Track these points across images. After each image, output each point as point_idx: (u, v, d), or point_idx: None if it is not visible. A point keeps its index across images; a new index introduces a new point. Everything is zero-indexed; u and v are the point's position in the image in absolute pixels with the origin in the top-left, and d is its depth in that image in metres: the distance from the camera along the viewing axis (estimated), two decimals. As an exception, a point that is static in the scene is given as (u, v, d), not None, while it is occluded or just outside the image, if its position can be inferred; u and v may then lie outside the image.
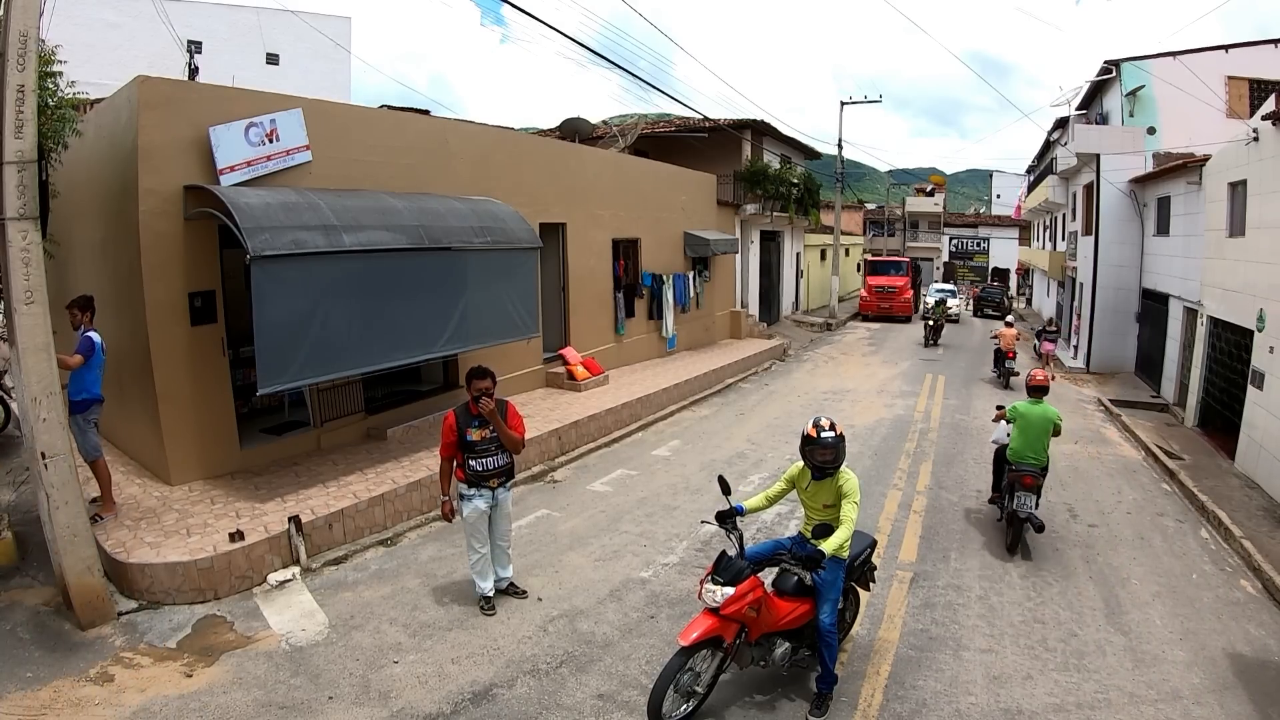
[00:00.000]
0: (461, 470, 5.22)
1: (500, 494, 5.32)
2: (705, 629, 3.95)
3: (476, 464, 5.17)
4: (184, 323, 6.75)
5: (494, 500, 5.29)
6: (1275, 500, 8.20)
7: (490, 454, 5.18)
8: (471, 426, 5.12)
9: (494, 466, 5.21)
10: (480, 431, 5.12)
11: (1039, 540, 6.94)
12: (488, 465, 5.19)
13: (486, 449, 5.16)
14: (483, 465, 5.18)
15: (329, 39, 22.77)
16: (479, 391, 5.02)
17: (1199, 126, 14.91)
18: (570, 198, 12.01)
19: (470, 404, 5.13)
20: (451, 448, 5.18)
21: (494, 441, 5.17)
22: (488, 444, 5.16)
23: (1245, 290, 9.84)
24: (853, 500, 4.29)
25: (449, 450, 5.19)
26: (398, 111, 10.14)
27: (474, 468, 5.17)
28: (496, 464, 5.22)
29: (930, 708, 4.43)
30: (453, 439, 5.15)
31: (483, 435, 5.13)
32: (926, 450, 10.08)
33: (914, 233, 49.93)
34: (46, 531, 4.94)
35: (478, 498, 5.22)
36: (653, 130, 20.29)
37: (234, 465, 7.24)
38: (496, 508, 5.33)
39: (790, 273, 26.35)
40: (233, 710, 4.21)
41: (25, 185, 4.60)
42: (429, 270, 7.80)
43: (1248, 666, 5.00)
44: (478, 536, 5.32)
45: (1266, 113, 9.27)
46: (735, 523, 4.32)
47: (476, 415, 5.11)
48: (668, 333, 15.23)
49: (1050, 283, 27.79)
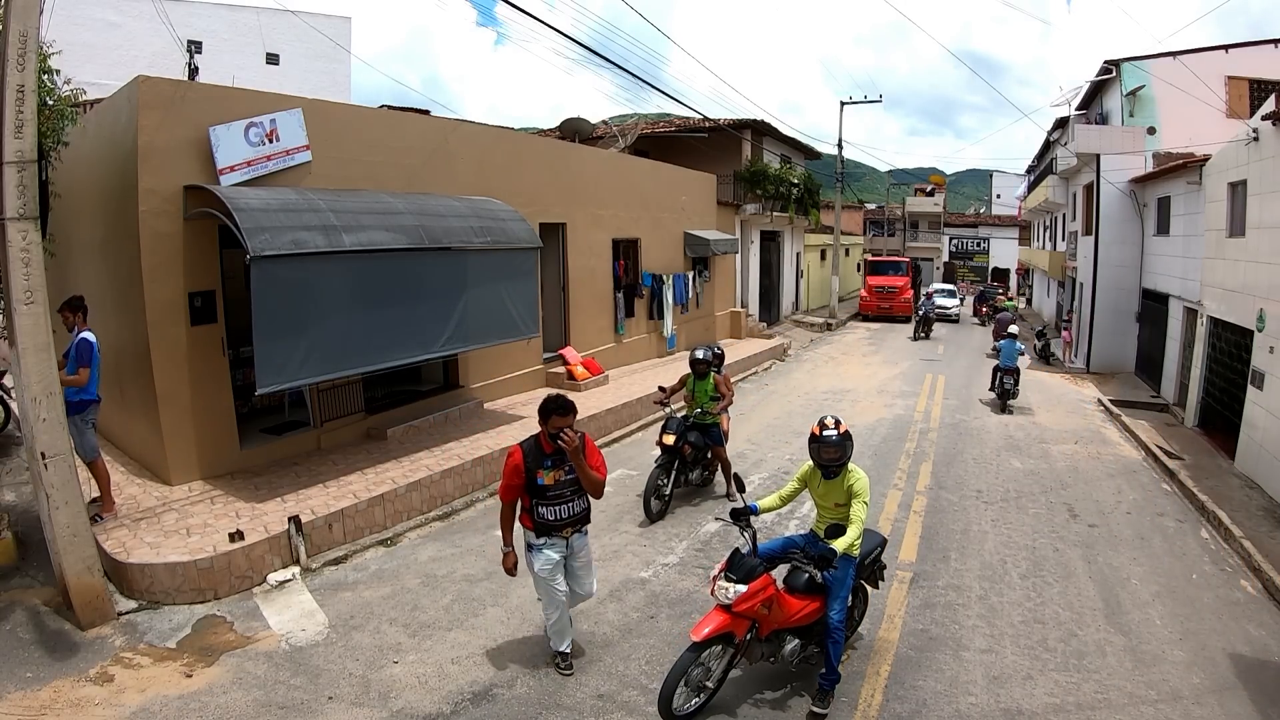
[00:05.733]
0: (527, 516, 4.39)
1: (577, 540, 4.48)
2: (717, 625, 4.01)
3: (547, 511, 4.31)
4: (184, 323, 6.75)
5: (569, 548, 4.45)
6: (1275, 500, 8.20)
7: (565, 499, 4.33)
8: (544, 467, 4.26)
9: (568, 515, 4.36)
10: (554, 473, 4.27)
11: (1039, 540, 7.04)
12: (561, 514, 4.33)
13: (560, 494, 4.31)
14: (555, 513, 4.32)
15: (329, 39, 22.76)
16: (558, 429, 4.19)
17: (1199, 126, 14.91)
18: (570, 198, 12.01)
19: (542, 439, 4.30)
20: (515, 491, 4.34)
21: (571, 485, 4.33)
22: (562, 488, 4.31)
23: (1245, 290, 9.84)
24: (863, 499, 4.35)
25: (512, 494, 4.37)
26: (398, 111, 10.14)
27: (544, 516, 4.32)
28: (572, 511, 4.37)
29: (930, 708, 4.43)
30: (518, 481, 4.29)
31: (557, 478, 4.27)
32: (926, 450, 10.08)
33: (914, 233, 49.91)
34: (46, 531, 4.94)
35: (549, 547, 4.37)
36: (653, 130, 20.30)
37: (234, 465, 7.24)
38: (573, 556, 4.49)
39: (790, 273, 26.35)
40: (232, 710, 4.21)
41: (25, 185, 4.60)
42: (429, 270, 7.80)
43: (1248, 667, 4.99)
44: (550, 591, 4.43)
45: (1266, 113, 9.27)
46: (749, 521, 4.37)
47: (551, 454, 4.29)
48: (668, 333, 15.23)
49: (1050, 283, 27.79)
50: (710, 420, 7.59)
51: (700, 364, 7.61)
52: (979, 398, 13.87)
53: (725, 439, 7.82)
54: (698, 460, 7.72)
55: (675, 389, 7.88)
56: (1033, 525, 7.44)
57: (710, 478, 8.05)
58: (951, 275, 46.81)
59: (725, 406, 7.70)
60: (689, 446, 7.44)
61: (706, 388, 7.60)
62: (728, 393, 7.70)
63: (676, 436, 7.30)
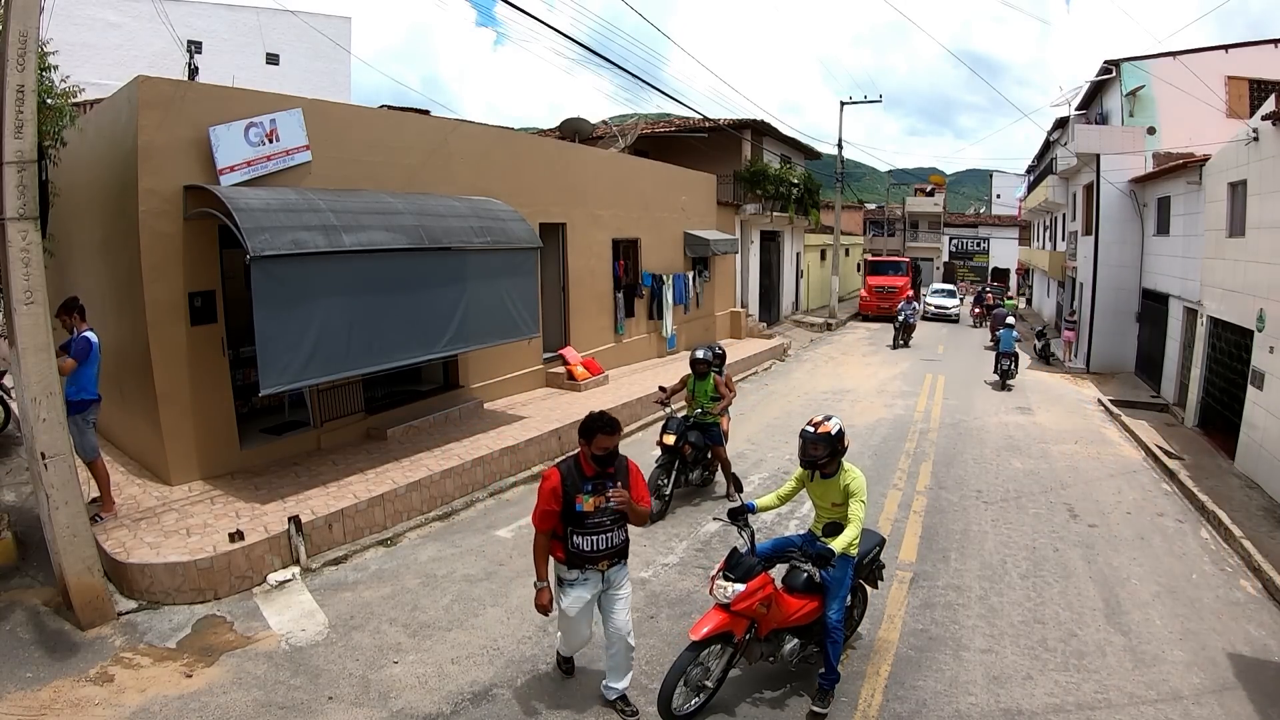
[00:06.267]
0: (559, 546, 3.97)
1: (615, 573, 4.04)
2: (716, 624, 4.01)
3: (584, 541, 3.88)
4: (184, 323, 6.75)
5: (604, 582, 4.02)
6: (1275, 500, 8.20)
7: (605, 529, 3.91)
8: (584, 492, 3.85)
9: (607, 546, 3.94)
10: (595, 499, 3.86)
11: (1039, 540, 7.04)
12: (599, 545, 3.91)
13: (600, 522, 3.89)
14: (592, 544, 3.90)
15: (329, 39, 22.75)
16: (603, 450, 3.84)
17: (1199, 126, 14.92)
18: (570, 198, 12.01)
19: (583, 460, 3.90)
20: (552, 518, 3.89)
21: (612, 513, 3.91)
22: (603, 515, 3.88)
23: (1245, 290, 9.84)
24: (860, 499, 4.35)
25: (548, 521, 3.91)
26: (398, 111, 10.14)
27: (579, 546, 3.89)
28: (611, 542, 3.95)
29: (930, 708, 4.43)
30: (555, 508, 3.86)
31: (598, 504, 3.86)
32: (926, 450, 10.08)
33: (914, 233, 49.91)
34: (46, 531, 4.94)
35: (580, 583, 3.96)
36: (653, 130, 20.30)
37: (234, 465, 7.24)
38: (608, 591, 4.05)
39: (790, 273, 26.35)
40: (232, 710, 4.21)
41: (25, 185, 4.60)
42: (429, 270, 7.80)
43: (1248, 667, 4.99)
44: (574, 632, 4.11)
45: (1266, 113, 9.27)
46: (746, 520, 4.37)
47: (593, 477, 3.87)
48: (668, 333, 15.23)
49: (1050, 283, 27.80)
50: (710, 420, 7.60)
51: (701, 364, 7.63)
52: (984, 378, 15.90)
53: (725, 439, 7.83)
54: (698, 460, 7.73)
55: (676, 389, 7.89)
56: (1033, 525, 7.44)
57: (710, 478, 8.06)
58: (951, 275, 46.81)
59: (726, 406, 7.71)
60: (689, 446, 7.45)
61: (707, 388, 7.61)
62: (728, 393, 7.71)
63: (677, 436, 7.31)
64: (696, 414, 7.60)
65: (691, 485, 7.87)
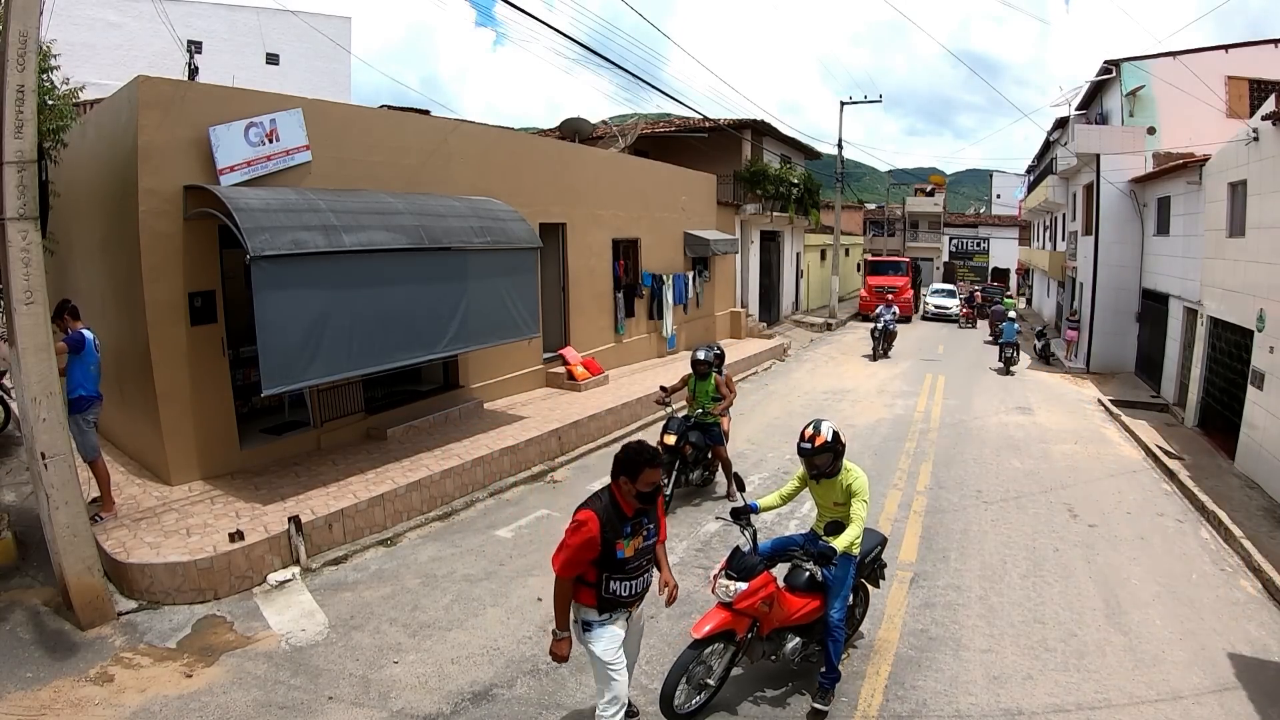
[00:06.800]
0: (589, 592, 3.49)
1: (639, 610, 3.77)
2: (718, 622, 4.03)
3: (621, 587, 3.48)
4: (184, 323, 6.74)
5: (629, 619, 3.67)
6: (1275, 500, 8.20)
7: (642, 571, 3.58)
8: (623, 536, 3.42)
9: (643, 588, 3.63)
10: (634, 541, 3.46)
11: (1039, 540, 7.05)
12: (635, 588, 3.56)
13: (639, 565, 3.53)
14: (629, 588, 3.52)
15: (329, 39, 22.75)
16: (650, 486, 3.42)
17: (1199, 126, 14.92)
18: (570, 198, 12.01)
19: (620, 498, 3.45)
20: (581, 567, 3.41)
21: (647, 552, 3.58)
22: (640, 557, 3.53)
23: (1245, 290, 9.84)
24: (862, 499, 4.35)
25: (576, 569, 3.41)
26: (398, 111, 10.14)
27: (615, 592, 3.48)
28: (645, 584, 3.64)
29: (930, 708, 4.43)
30: (591, 555, 3.38)
31: (637, 546, 3.48)
32: (926, 450, 10.08)
33: (914, 233, 49.91)
34: (46, 531, 4.94)
35: (610, 623, 3.54)
36: (653, 130, 20.30)
37: (234, 465, 7.24)
38: (632, 623, 3.73)
39: (790, 273, 26.35)
40: (232, 710, 4.21)
41: (25, 185, 4.60)
42: (430, 271, 7.80)
43: (1248, 666, 4.99)
44: (616, 672, 3.53)
45: (1266, 113, 9.27)
46: (749, 519, 4.38)
47: (635, 516, 3.48)
48: (668, 333, 15.23)
49: (1050, 283, 27.80)
50: (711, 420, 7.61)
51: (701, 364, 7.64)
52: (987, 366, 17.65)
53: (726, 439, 7.83)
54: (698, 460, 7.74)
55: (676, 388, 7.91)
56: (1033, 525, 7.44)
57: (710, 478, 8.06)
58: (951, 275, 46.82)
59: (727, 407, 7.72)
60: (690, 446, 7.45)
61: (708, 388, 7.62)
62: (729, 394, 7.71)
63: (678, 436, 7.32)
64: (698, 414, 7.61)
65: (692, 485, 7.87)
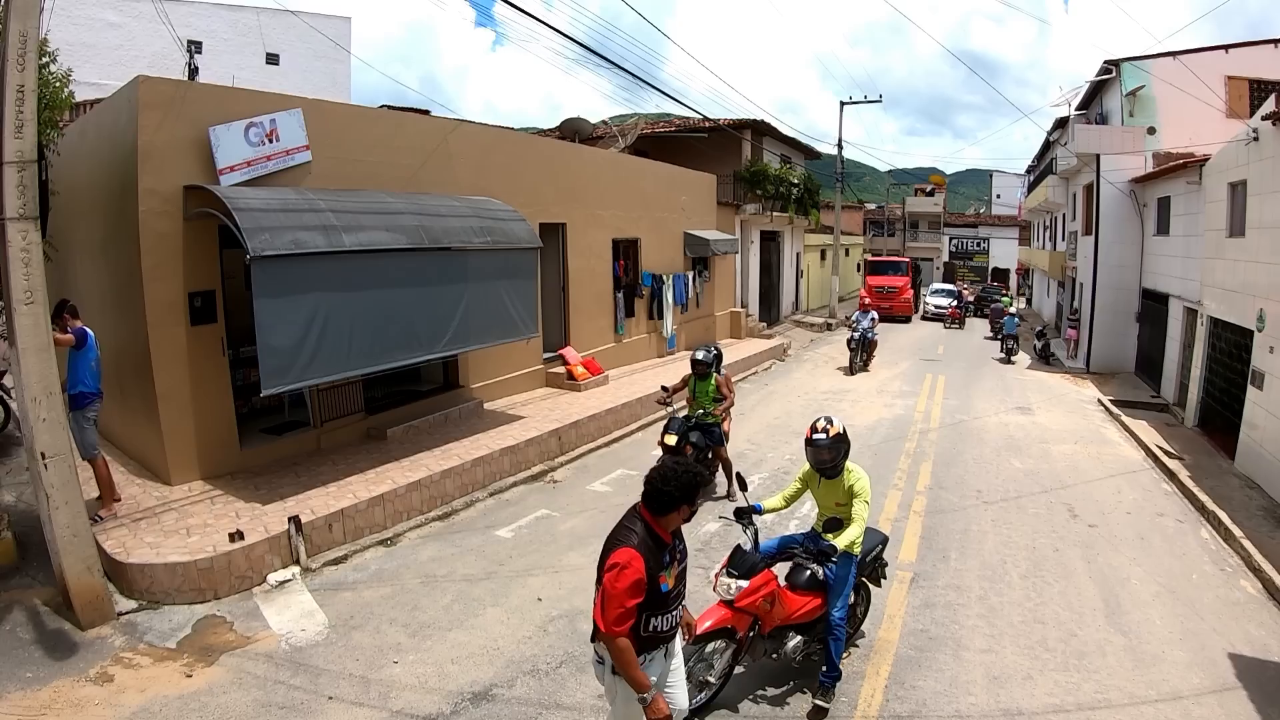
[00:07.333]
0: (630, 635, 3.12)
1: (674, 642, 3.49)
2: (718, 619, 4.06)
3: (661, 621, 3.23)
4: (184, 322, 6.74)
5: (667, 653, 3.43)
6: (1275, 500, 8.20)
7: (681, 599, 3.39)
8: (664, 567, 3.19)
9: (678, 620, 3.40)
10: (673, 570, 3.26)
11: (1039, 540, 7.05)
12: (674, 620, 3.33)
13: (678, 593, 3.34)
14: (668, 621, 3.28)
15: (329, 39, 22.75)
16: (690, 516, 3.34)
17: (1199, 126, 14.92)
18: (570, 198, 12.01)
19: (655, 525, 3.22)
20: (633, 615, 3.06)
21: (683, 577, 3.41)
22: (679, 584, 3.36)
23: (1245, 290, 9.84)
24: (864, 498, 4.38)
25: (630, 619, 3.04)
26: (398, 111, 10.15)
27: (657, 629, 3.22)
28: (680, 615, 3.44)
29: (930, 708, 4.43)
30: (639, 599, 3.06)
31: (675, 574, 3.29)
32: (926, 450, 10.08)
33: (914, 233, 49.92)
34: (46, 531, 4.94)
35: (651, 663, 3.27)
36: (653, 130, 20.30)
37: (234, 465, 7.24)
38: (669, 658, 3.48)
39: (790, 273, 26.35)
40: (232, 710, 4.21)
41: (25, 185, 4.60)
42: (429, 270, 7.80)
43: (1248, 666, 4.99)
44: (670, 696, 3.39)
45: (1266, 113, 9.27)
46: (751, 519, 4.41)
47: (670, 545, 3.26)
48: (668, 333, 15.23)
49: (1050, 283, 27.82)
50: (712, 420, 7.62)
51: (700, 365, 7.65)
52: (992, 356, 19.24)
53: (726, 439, 7.83)
54: (699, 460, 7.74)
55: (677, 388, 7.91)
56: (1033, 525, 7.44)
57: (711, 478, 8.06)
58: (951, 275, 46.82)
59: (727, 408, 7.72)
60: (691, 447, 7.46)
61: (708, 388, 7.63)
62: (730, 394, 7.72)
63: (679, 437, 7.32)
64: (698, 414, 7.61)
65: None
